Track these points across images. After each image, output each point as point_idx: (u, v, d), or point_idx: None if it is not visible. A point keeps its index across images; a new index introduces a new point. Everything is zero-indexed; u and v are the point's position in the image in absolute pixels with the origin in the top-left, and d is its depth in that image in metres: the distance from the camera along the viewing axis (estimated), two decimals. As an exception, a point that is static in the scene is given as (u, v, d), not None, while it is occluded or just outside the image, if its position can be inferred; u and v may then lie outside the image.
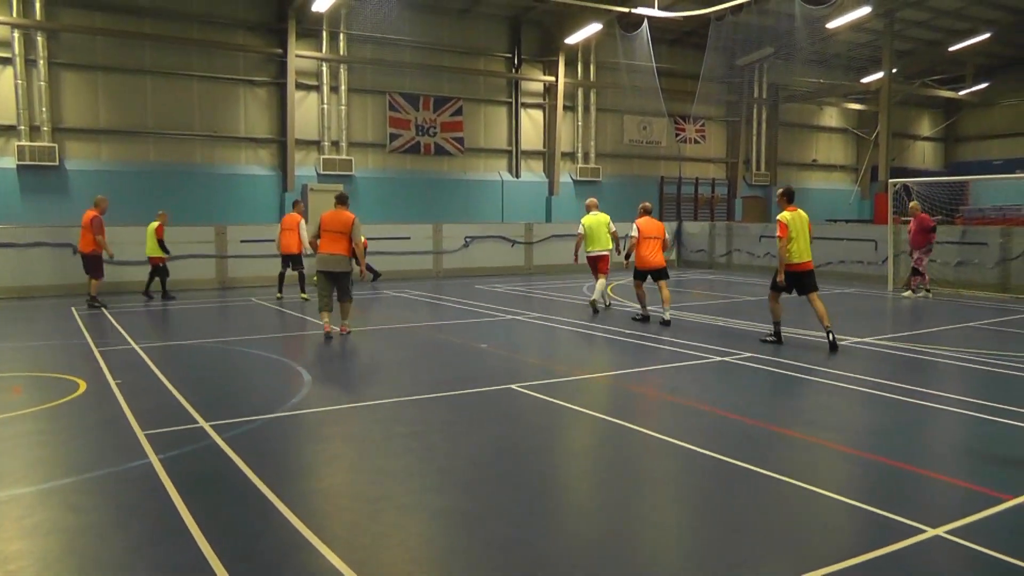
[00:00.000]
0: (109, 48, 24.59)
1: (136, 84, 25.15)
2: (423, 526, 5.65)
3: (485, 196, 30.42)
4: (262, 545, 5.30)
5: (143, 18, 24.84)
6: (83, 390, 9.82)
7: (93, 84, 24.67)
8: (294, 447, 7.63)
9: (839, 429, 8.08)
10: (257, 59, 26.56)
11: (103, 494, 6.35)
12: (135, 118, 25.16)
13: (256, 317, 16.84)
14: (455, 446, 7.48)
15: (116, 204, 23.69)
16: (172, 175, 25.37)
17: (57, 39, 23.97)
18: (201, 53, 25.75)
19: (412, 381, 10.44)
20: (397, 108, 28.79)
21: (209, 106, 26.10)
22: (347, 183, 27.37)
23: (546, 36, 30.96)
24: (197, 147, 26.08)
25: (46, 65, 23.58)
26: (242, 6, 26.16)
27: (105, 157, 24.87)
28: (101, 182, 24.17)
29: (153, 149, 25.52)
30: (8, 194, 23.13)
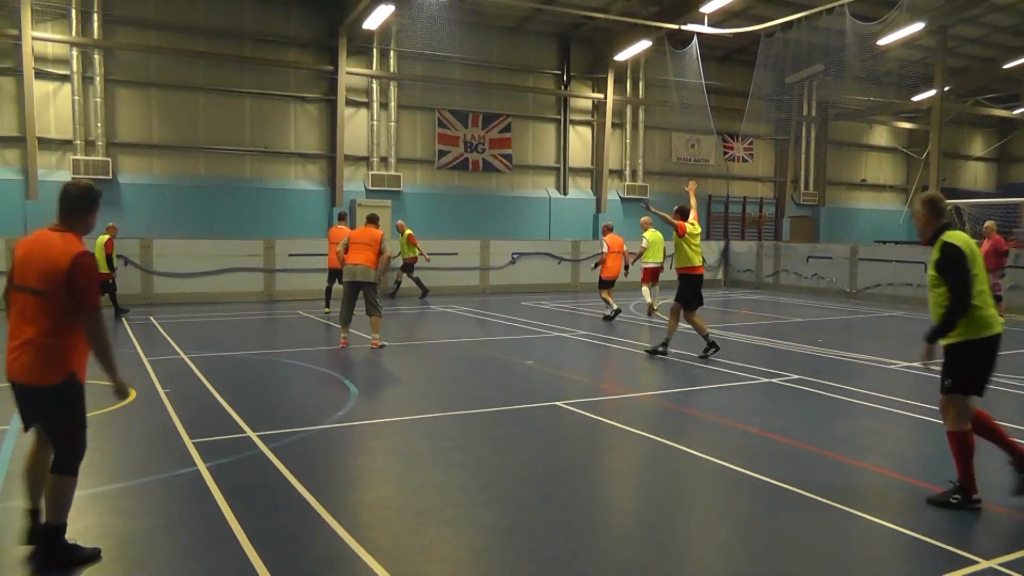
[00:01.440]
0: (163, 65, 25.09)
1: (189, 100, 25.59)
2: (468, 541, 5.65)
3: (532, 213, 30.44)
4: (308, 555, 5.33)
5: (197, 36, 25.31)
6: (133, 398, 9.94)
7: (147, 100, 25.16)
8: (340, 459, 7.68)
9: (889, 455, 7.95)
10: (308, 76, 26.87)
11: (153, 500, 6.45)
12: (187, 133, 25.60)
13: (303, 330, 16.97)
14: (500, 462, 7.47)
15: (166, 218, 24.32)
16: (222, 189, 25.73)
17: (113, 57, 24.51)
18: (253, 70, 26.13)
19: (458, 396, 10.45)
20: (446, 125, 28.96)
21: (260, 122, 26.45)
22: (395, 199, 27.57)
23: (595, 53, 30.98)
24: (247, 162, 26.42)
25: (102, 82, 24.12)
26: (294, 24, 26.52)
27: (157, 171, 25.32)
28: (152, 196, 24.74)
29: (204, 164, 25.91)
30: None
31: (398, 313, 19.73)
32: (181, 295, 21.57)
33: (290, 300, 22.43)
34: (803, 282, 27.04)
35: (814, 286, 26.60)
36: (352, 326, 14.33)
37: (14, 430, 8.31)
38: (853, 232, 36.92)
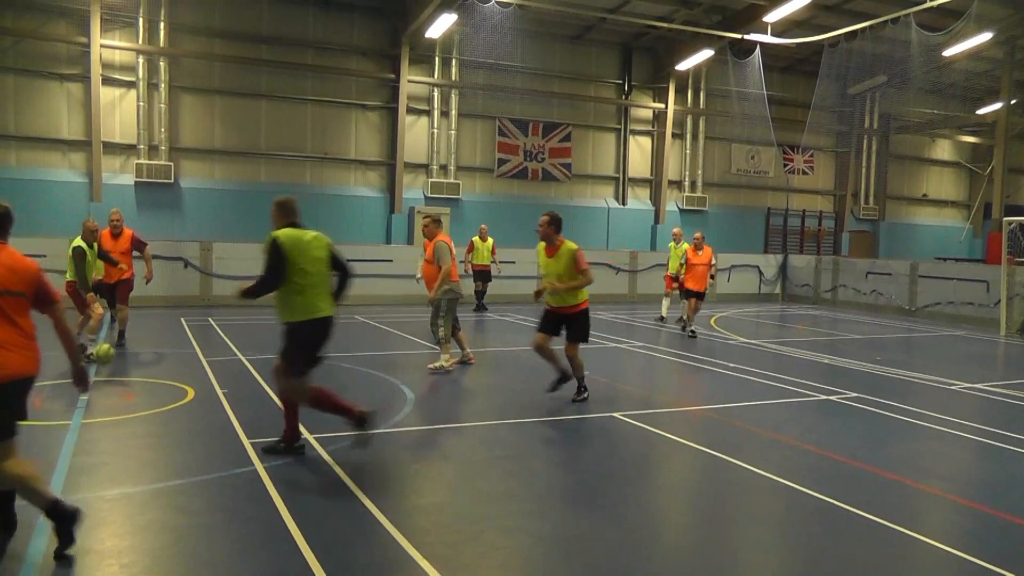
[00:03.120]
0: (227, 73, 25.57)
1: (251, 107, 26.02)
2: (524, 549, 5.64)
3: (591, 223, 30.36)
4: (364, 557, 5.38)
5: (260, 44, 25.75)
6: (191, 397, 10.14)
7: (210, 106, 25.64)
8: (396, 463, 7.71)
9: (950, 478, 7.78)
10: (370, 84, 27.13)
11: (210, 497, 6.56)
12: (248, 139, 26.02)
13: (360, 335, 17.14)
14: (556, 471, 7.47)
15: (226, 222, 24.74)
16: (282, 194, 25.85)
17: (178, 64, 25.03)
18: (315, 78, 26.46)
19: (514, 405, 10.43)
20: (506, 133, 29.05)
21: (321, 129, 26.77)
22: (454, 206, 27.72)
23: (657, 63, 30.87)
24: (308, 168, 26.75)
25: (167, 88, 24.67)
26: (357, 33, 26.81)
27: (218, 176, 25.76)
28: (213, 200, 25.20)
29: (264, 169, 26.29)
30: (125, 208, 23.75)
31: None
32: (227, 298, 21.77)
33: (348, 305, 22.47)
34: (861, 298, 26.66)
35: (872, 302, 26.20)
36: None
37: (76, 425, 8.53)
38: (913, 248, 36.29)
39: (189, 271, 21.77)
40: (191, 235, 23.69)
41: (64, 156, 24.11)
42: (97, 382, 10.91)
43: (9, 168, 23.38)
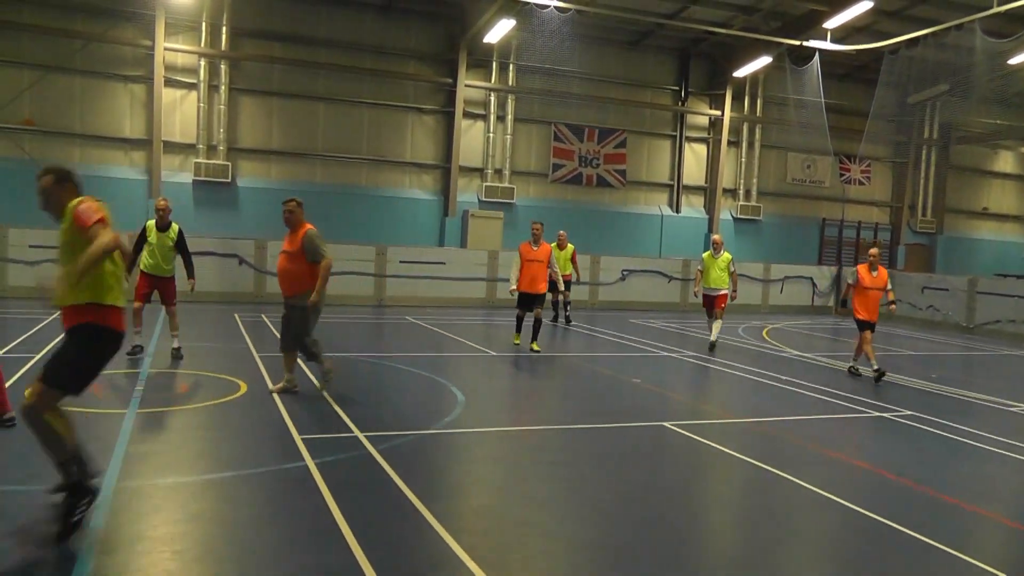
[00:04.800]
0: (285, 75, 25.97)
1: (309, 109, 26.36)
2: (570, 555, 5.62)
3: (644, 230, 30.23)
4: (412, 556, 5.40)
5: (319, 48, 26.08)
6: (244, 391, 10.27)
7: (268, 108, 26.07)
8: (446, 464, 7.75)
9: (1008, 502, 7.60)
10: (427, 88, 27.30)
11: (261, 490, 6.66)
12: (305, 141, 26.37)
13: (412, 335, 17.20)
14: (605, 479, 7.42)
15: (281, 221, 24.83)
16: (337, 195, 26.34)
17: (238, 67, 25.54)
18: (373, 81, 26.70)
19: (564, 410, 10.46)
20: (562, 138, 29.04)
21: (377, 131, 27.01)
22: (507, 211, 27.75)
23: (714, 69, 30.64)
24: (363, 170, 26.98)
25: (227, 90, 25.23)
26: (415, 38, 27.01)
27: (274, 176, 26.13)
28: (269, 199, 25.34)
29: (320, 171, 26.59)
30: (184, 206, 24.45)
31: (494, 324, 19.83)
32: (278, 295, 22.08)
33: (399, 306, 22.82)
34: (917, 313, 26.22)
35: (929, 318, 25.77)
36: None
37: (132, 414, 8.68)
38: (972, 263, 35.49)
39: (243, 268, 22.18)
40: (246, 233, 24.00)
41: (126, 154, 24.70)
42: (152, 374, 11.10)
43: (73, 164, 23.63)
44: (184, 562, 5.22)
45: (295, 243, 9.99)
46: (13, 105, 23.59)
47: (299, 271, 9.94)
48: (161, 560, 5.21)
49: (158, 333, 14.38)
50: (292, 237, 10.11)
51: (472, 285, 24.32)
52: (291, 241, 10.10)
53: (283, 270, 10.15)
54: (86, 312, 5.56)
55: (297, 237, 10.01)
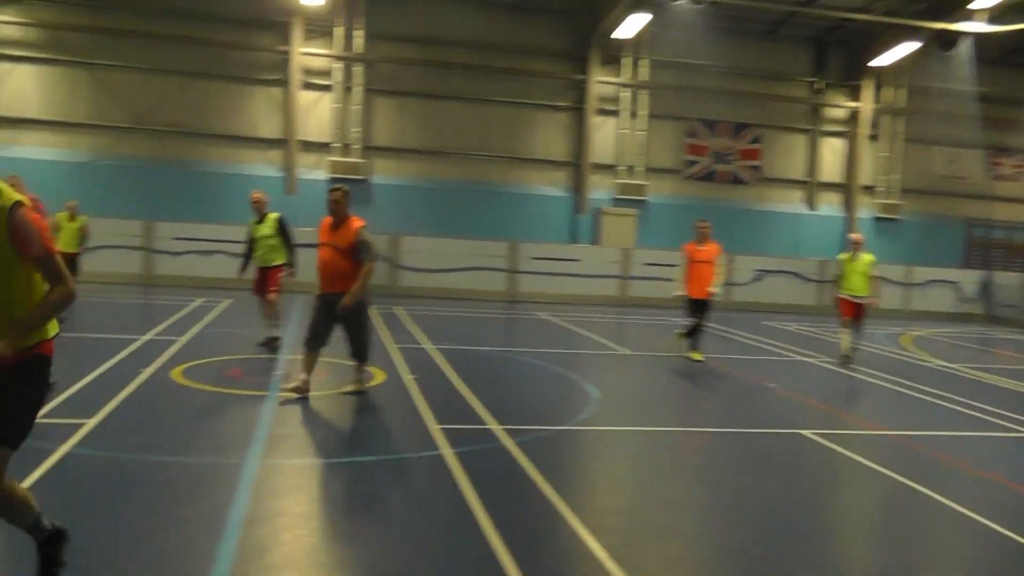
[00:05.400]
0: (419, 75, 26.40)
1: (442, 108, 26.71)
2: (710, 560, 5.45)
3: (778, 228, 29.32)
4: (550, 550, 5.32)
5: (452, 48, 26.37)
6: (381, 380, 10.41)
7: (402, 108, 26.59)
8: (583, 461, 7.65)
9: None
10: (558, 85, 27.24)
11: (399, 476, 6.75)
12: (438, 139, 26.72)
13: (543, 331, 17.16)
14: (742, 485, 7.13)
15: (415, 217, 25.63)
16: (468, 192, 26.60)
17: (373, 68, 26.15)
18: (505, 79, 26.82)
19: (700, 413, 10.24)
20: (695, 134, 28.53)
21: (508, 129, 27.12)
22: (641, 208, 27.47)
23: (853, 58, 29.23)
24: (494, 167, 27.13)
25: (362, 91, 25.93)
26: (547, 35, 26.99)
27: (408, 174, 26.61)
28: (402, 196, 26.16)
29: (453, 168, 26.89)
30: (319, 202, 24.90)
31: (632, 323, 19.65)
32: (425, 289, 22.70)
33: (531, 302, 22.88)
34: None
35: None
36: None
37: (271, 398, 8.92)
38: None
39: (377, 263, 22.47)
40: (380, 228, 24.38)
41: (263, 153, 25.72)
42: (291, 359, 11.38)
43: (212, 163, 25.27)
44: (324, 539, 5.40)
45: (346, 238, 9.15)
46: (160, 109, 24.97)
47: (347, 267, 9.11)
48: (303, 535, 5.38)
49: (296, 322, 14.73)
50: (340, 231, 9.24)
51: (605, 283, 24.17)
52: (339, 235, 9.23)
53: (329, 265, 9.24)
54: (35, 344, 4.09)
55: (349, 231, 9.16)
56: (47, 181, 23.37)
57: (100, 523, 5.33)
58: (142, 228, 22.21)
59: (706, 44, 26.03)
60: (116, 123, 24.83)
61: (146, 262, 22.11)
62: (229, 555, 4.92)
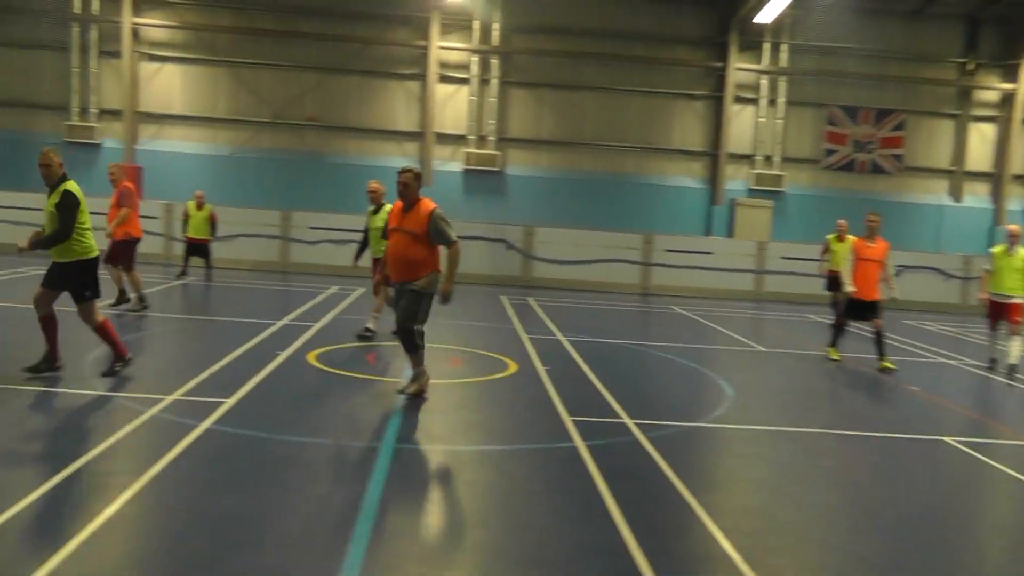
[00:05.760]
0: (555, 67, 26.57)
1: (577, 99, 26.81)
2: (844, 568, 5.30)
3: (920, 221, 28.03)
4: (683, 548, 5.36)
5: (589, 39, 26.41)
6: (514, 370, 10.56)
7: (538, 99, 26.83)
8: (716, 459, 7.63)
9: None
10: (696, 73, 26.88)
11: (532, 466, 6.85)
12: (573, 130, 26.83)
13: (678, 326, 17.02)
14: (880, 491, 6.93)
15: (549, 208, 25.89)
16: (603, 184, 26.60)
17: (509, 61, 26.51)
18: (642, 69, 26.66)
19: (836, 413, 9.99)
20: (835, 121, 27.63)
21: (645, 119, 26.94)
22: (777, 199, 26.88)
23: (1008, 36, 27.57)
24: (630, 158, 27.02)
25: (498, 83, 26.33)
26: (685, 22, 26.65)
27: (542, 165, 26.86)
28: (537, 187, 26.48)
29: (588, 159, 26.93)
30: (454, 193, 25.96)
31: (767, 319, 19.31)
32: (558, 280, 22.81)
33: (665, 295, 22.72)
34: None
35: None
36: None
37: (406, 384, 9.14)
38: None
39: (511, 253, 22.93)
40: (514, 219, 24.76)
41: (399, 146, 26.49)
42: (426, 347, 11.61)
43: (349, 155, 26.26)
44: (460, 525, 5.56)
45: (418, 222, 8.40)
46: (298, 104, 26.13)
47: (421, 255, 8.45)
48: (439, 520, 5.60)
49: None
50: (410, 215, 8.48)
51: (739, 277, 23.73)
52: (409, 219, 8.48)
53: (399, 253, 8.51)
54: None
55: (420, 216, 8.42)
56: (189, 173, 24.89)
57: (238, 498, 5.64)
58: (279, 218, 23.04)
59: (848, 26, 25.24)
60: (256, 118, 26.10)
61: (283, 250, 22.94)
62: (364, 536, 5.11)
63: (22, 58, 25.83)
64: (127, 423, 7.08)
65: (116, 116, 25.83)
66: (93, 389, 8.23)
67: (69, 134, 25.39)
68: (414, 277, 8.41)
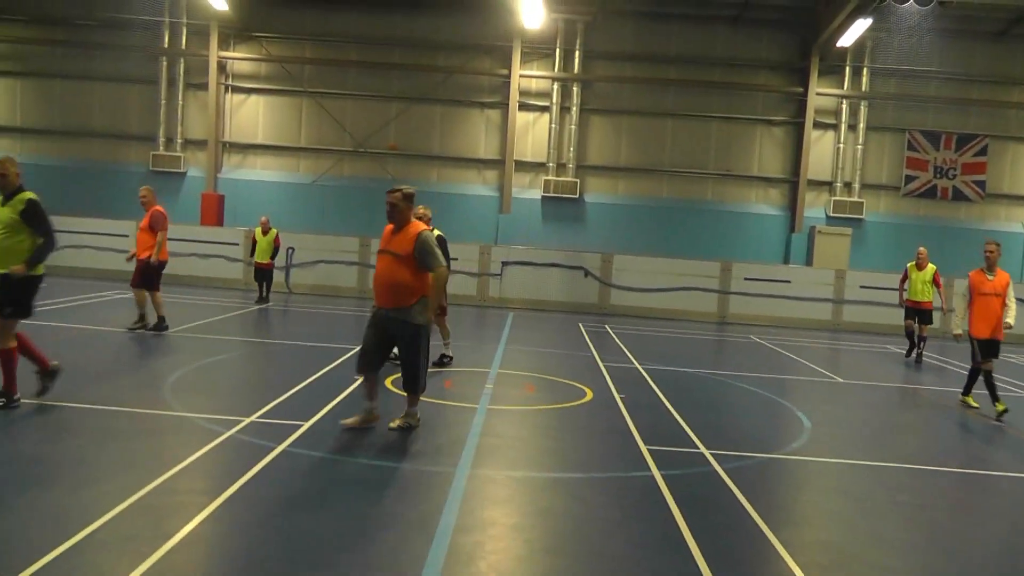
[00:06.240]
0: (635, 94, 26.67)
1: (657, 126, 26.82)
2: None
3: (1004, 249, 26.72)
4: (760, 581, 5.31)
5: (669, 65, 26.49)
6: (590, 398, 10.61)
7: (617, 126, 26.91)
8: (794, 492, 7.54)
9: None
10: (776, 98, 26.68)
11: (608, 494, 6.86)
12: (653, 157, 26.83)
13: (755, 355, 16.80)
14: (962, 530, 6.79)
15: (627, 235, 25.88)
16: (682, 211, 26.54)
17: (590, 88, 26.68)
18: (721, 95, 26.58)
19: (917, 448, 9.74)
20: (916, 147, 27.09)
21: (724, 145, 26.82)
22: (856, 227, 26.43)
23: None
24: (709, 185, 26.91)
25: (578, 111, 26.44)
26: (765, 47, 26.51)
27: (621, 192, 26.94)
28: (615, 214, 26.57)
29: (667, 186, 26.90)
30: (533, 220, 26.18)
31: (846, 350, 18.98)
32: (635, 308, 22.80)
33: (743, 324, 22.49)
34: None
35: None
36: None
37: (483, 409, 9.23)
38: None
39: (589, 280, 22.91)
40: (592, 247, 24.84)
41: (479, 173, 26.90)
42: (501, 374, 11.86)
43: (431, 183, 26.60)
44: (534, 552, 5.55)
45: (404, 244, 8.07)
46: (380, 133, 26.71)
47: (407, 280, 8.04)
48: (513, 546, 5.61)
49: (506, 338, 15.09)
50: (399, 237, 8.16)
51: (817, 306, 23.35)
52: (397, 241, 8.15)
53: (385, 277, 8.12)
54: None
55: (407, 237, 8.09)
56: (271, 201, 25.59)
57: (313, 519, 5.78)
58: (358, 244, 23.39)
59: (930, 48, 24.80)
60: (338, 146, 26.73)
61: (361, 276, 23.23)
62: (438, 559, 5.20)
63: (113, 91, 27.04)
64: (206, 443, 7.32)
65: (201, 146, 26.73)
66: (173, 410, 8.52)
67: (155, 163, 26.35)
68: (398, 304, 8.00)
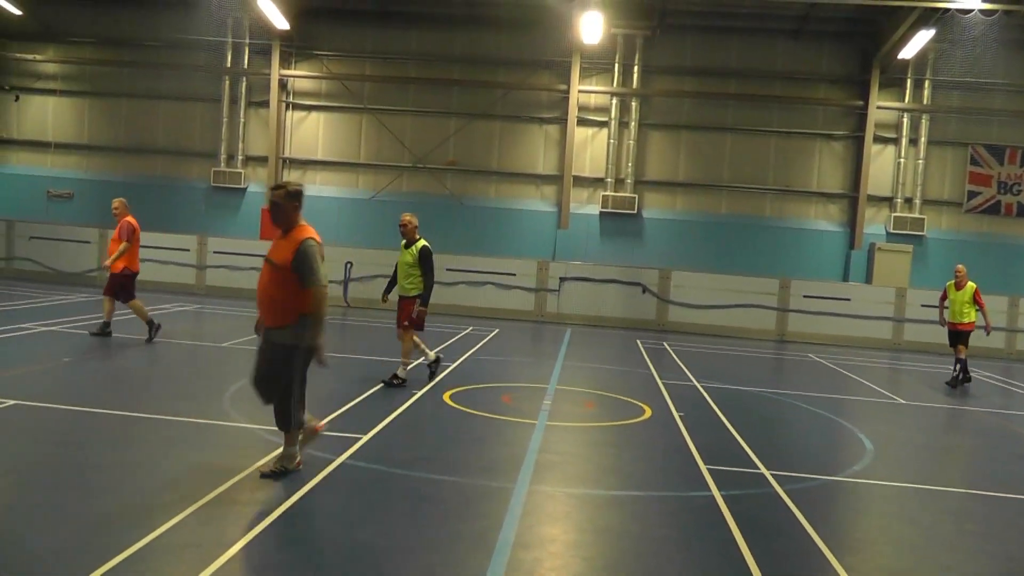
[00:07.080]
0: (694, 108, 26.51)
1: (716, 140, 26.61)
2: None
3: None
4: (823, 607, 5.24)
5: (728, 79, 26.29)
6: (648, 416, 10.57)
7: (676, 141, 26.73)
8: (856, 516, 7.43)
9: None
10: (836, 112, 26.33)
11: (667, 513, 6.84)
12: (712, 172, 26.61)
13: (814, 374, 16.61)
14: None
15: (685, 251, 25.65)
16: (741, 227, 26.26)
17: (648, 103, 26.57)
18: (781, 109, 26.28)
19: (983, 475, 9.41)
20: (979, 162, 26.49)
21: (783, 160, 26.52)
22: (917, 244, 25.96)
23: None
24: (768, 200, 26.62)
25: (636, 126, 26.34)
26: (826, 60, 26.20)
27: (679, 208, 26.73)
28: (673, 230, 26.38)
29: (726, 202, 26.66)
30: (590, 236, 26.14)
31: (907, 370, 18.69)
32: (693, 325, 22.71)
33: (801, 342, 22.23)
34: None
35: None
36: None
37: (541, 426, 9.24)
38: None
39: (647, 296, 22.85)
40: (650, 263, 24.72)
41: (537, 188, 26.87)
42: (559, 390, 11.86)
43: (489, 199, 26.81)
44: (593, 570, 5.54)
45: (285, 253, 6.79)
46: (440, 148, 26.86)
47: (282, 295, 6.78)
48: (572, 563, 5.58)
49: (563, 354, 15.07)
50: (282, 243, 6.92)
51: (877, 325, 22.98)
52: (277, 249, 6.93)
53: (260, 289, 6.96)
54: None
55: (290, 245, 6.81)
56: (330, 216, 25.79)
57: (372, 532, 5.85)
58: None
59: (996, 60, 24.28)
60: (397, 162, 26.92)
61: (419, 291, 23.24)
62: (498, 575, 5.20)
63: (176, 110, 27.59)
64: (265, 455, 7.40)
65: (261, 162, 27.11)
66: (234, 421, 8.65)
67: (216, 179, 26.77)
68: (281, 322, 6.74)
